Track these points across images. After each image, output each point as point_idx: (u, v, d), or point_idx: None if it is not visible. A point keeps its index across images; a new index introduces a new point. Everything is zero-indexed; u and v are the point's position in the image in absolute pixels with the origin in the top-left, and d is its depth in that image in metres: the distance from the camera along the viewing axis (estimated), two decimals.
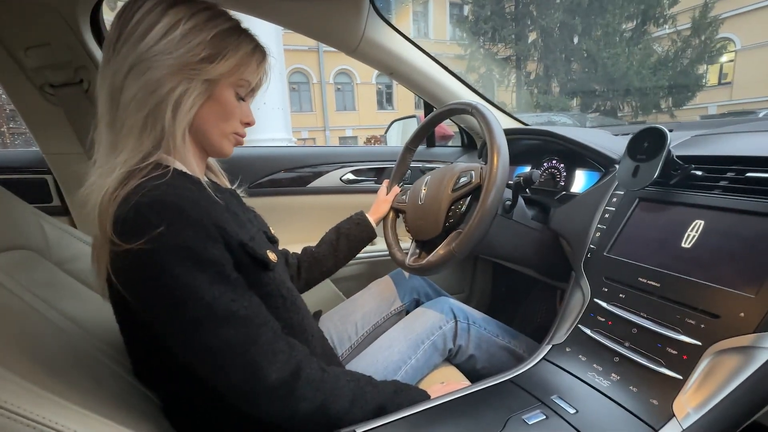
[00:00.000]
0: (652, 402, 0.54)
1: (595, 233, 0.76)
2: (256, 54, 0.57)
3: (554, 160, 1.04)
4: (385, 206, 0.97)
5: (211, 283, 0.45)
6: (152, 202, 0.44)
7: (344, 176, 1.32)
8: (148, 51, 0.48)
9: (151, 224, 0.43)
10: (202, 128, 0.56)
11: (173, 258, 0.44)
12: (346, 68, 15.29)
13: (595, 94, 11.48)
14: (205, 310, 0.45)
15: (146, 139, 0.49)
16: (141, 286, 0.45)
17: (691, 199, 0.65)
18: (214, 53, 0.52)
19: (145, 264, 0.43)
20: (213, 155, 0.61)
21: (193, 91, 0.51)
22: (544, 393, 0.60)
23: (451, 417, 0.56)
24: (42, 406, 0.32)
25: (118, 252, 0.43)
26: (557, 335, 0.71)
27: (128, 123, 0.49)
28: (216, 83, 0.53)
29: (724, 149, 0.71)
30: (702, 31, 10.06)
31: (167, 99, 0.49)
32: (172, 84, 0.49)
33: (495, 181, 0.69)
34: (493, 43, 12.51)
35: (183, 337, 0.46)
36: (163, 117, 0.49)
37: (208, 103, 0.54)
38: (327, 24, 0.95)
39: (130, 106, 0.48)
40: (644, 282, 0.63)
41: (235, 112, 0.57)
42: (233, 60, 0.53)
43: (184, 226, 0.45)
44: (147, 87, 0.48)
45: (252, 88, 0.60)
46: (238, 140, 0.61)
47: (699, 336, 0.53)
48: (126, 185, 0.46)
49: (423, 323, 0.79)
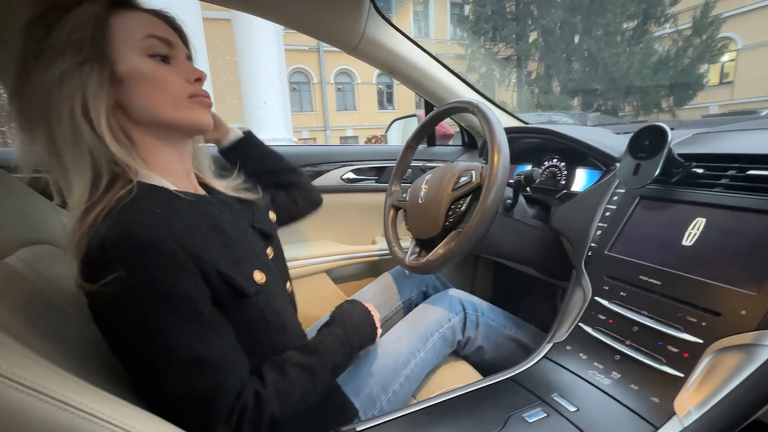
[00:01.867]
0: (653, 400, 0.53)
1: (596, 231, 0.76)
2: (130, 10, 0.48)
3: (555, 159, 1.04)
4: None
5: (181, 323, 0.42)
6: (115, 238, 0.40)
7: (345, 175, 1.31)
8: (29, 81, 0.44)
9: (115, 263, 0.39)
10: (148, 115, 0.48)
11: (140, 297, 0.40)
12: (346, 68, 15.28)
13: (596, 93, 11.45)
14: (170, 353, 0.41)
15: (84, 169, 0.44)
16: (109, 325, 0.43)
17: (693, 197, 0.65)
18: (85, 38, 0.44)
19: (111, 304, 0.40)
20: (189, 131, 0.53)
21: (87, 89, 0.44)
22: (544, 391, 0.59)
23: (451, 415, 0.56)
24: (81, 393, 0.32)
25: (87, 293, 0.41)
26: (558, 333, 0.71)
27: (65, 162, 0.44)
28: (111, 61, 0.46)
29: (725, 147, 0.71)
30: (703, 30, 10.03)
31: (74, 119, 0.44)
32: (67, 99, 0.44)
33: (495, 181, 0.69)
34: (494, 42, 12.50)
35: (148, 380, 0.43)
36: (85, 140, 0.44)
37: (129, 87, 0.47)
38: (327, 22, 0.95)
39: (57, 145, 0.44)
40: (645, 280, 0.63)
41: (167, 76, 0.49)
42: (114, 25, 0.46)
43: (151, 262, 0.41)
44: (53, 120, 0.44)
45: (168, 41, 0.50)
46: (202, 101, 0.52)
47: (700, 334, 0.53)
48: (84, 221, 0.42)
49: (432, 316, 0.78)
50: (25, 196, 0.57)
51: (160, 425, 0.37)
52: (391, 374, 0.69)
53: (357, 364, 0.71)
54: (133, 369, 0.44)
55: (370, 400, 0.66)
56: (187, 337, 0.42)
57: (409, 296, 0.93)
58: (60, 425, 0.30)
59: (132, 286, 0.40)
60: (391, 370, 0.69)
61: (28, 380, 0.30)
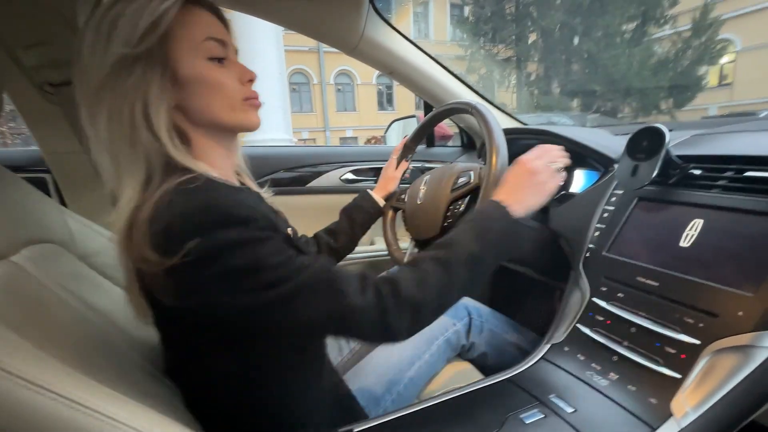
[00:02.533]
0: (650, 401, 0.53)
1: (594, 232, 0.76)
2: (194, 4, 0.48)
3: None
4: (392, 184, 0.93)
5: (282, 256, 0.44)
6: (196, 208, 0.41)
7: (344, 176, 1.32)
8: (92, 78, 0.44)
9: (197, 229, 0.40)
10: (205, 116, 0.49)
11: (231, 249, 0.41)
12: (346, 69, 15.30)
13: (595, 94, 11.47)
14: (285, 283, 0.42)
15: (138, 170, 0.45)
16: (204, 289, 0.42)
17: (690, 198, 0.65)
18: (146, 30, 0.44)
19: (201, 267, 0.40)
20: (240, 131, 0.54)
21: (151, 92, 0.44)
22: (542, 392, 0.59)
23: (448, 416, 0.56)
24: (87, 391, 0.32)
25: (167, 269, 0.40)
26: (556, 334, 0.71)
27: (119, 162, 0.45)
28: (174, 65, 0.46)
29: (722, 148, 0.71)
30: (702, 32, 10.06)
31: (134, 120, 0.44)
32: (130, 101, 0.44)
33: (494, 182, 0.69)
34: (494, 44, 12.52)
35: (274, 310, 0.43)
36: (143, 141, 0.44)
37: (187, 89, 0.47)
38: (326, 23, 0.95)
39: (114, 145, 0.44)
40: (643, 281, 0.63)
41: (224, 79, 0.49)
42: (158, 24, 0.44)
43: (233, 223, 0.42)
44: (113, 119, 0.44)
45: (223, 41, 0.50)
46: (254, 103, 0.53)
47: (697, 335, 0.53)
48: (140, 211, 0.42)
49: (437, 320, 0.79)
50: (29, 195, 0.57)
51: (161, 420, 0.37)
52: (395, 375, 0.69)
53: (361, 365, 0.71)
54: (247, 312, 0.43)
55: (374, 401, 0.66)
56: (296, 266, 0.43)
57: None
58: (66, 422, 0.30)
59: (220, 242, 0.40)
60: (395, 371, 0.69)
61: (35, 377, 0.30)
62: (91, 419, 0.31)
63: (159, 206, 0.41)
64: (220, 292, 0.42)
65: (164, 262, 0.40)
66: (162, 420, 0.37)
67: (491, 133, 0.73)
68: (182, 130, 0.49)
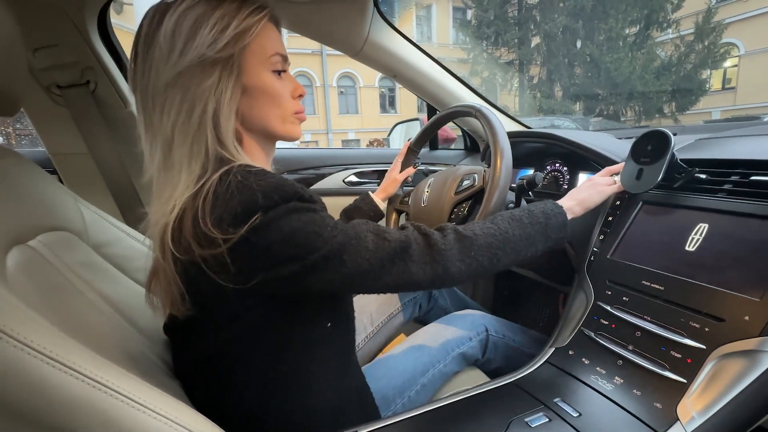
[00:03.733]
0: (655, 406, 0.53)
1: (598, 236, 0.76)
2: (270, 21, 0.51)
3: (557, 163, 1.04)
4: (393, 187, 0.94)
5: (324, 212, 0.48)
6: (262, 187, 0.43)
7: (347, 178, 1.32)
8: (163, 73, 0.45)
9: (266, 203, 0.42)
10: (260, 124, 0.53)
11: (287, 214, 0.44)
12: (349, 72, 15.35)
13: (598, 98, 11.47)
14: (339, 233, 0.46)
15: (196, 165, 0.46)
16: (272, 256, 0.44)
17: (695, 203, 0.65)
18: (233, 38, 0.47)
19: (263, 236, 0.43)
20: (284, 140, 0.58)
21: (225, 96, 0.47)
22: (547, 396, 0.59)
23: (453, 419, 0.56)
24: (110, 373, 0.33)
25: (232, 247, 0.42)
26: (560, 338, 0.70)
27: (173, 156, 0.46)
28: (246, 73, 0.49)
29: (728, 153, 0.71)
30: (705, 36, 10.05)
31: (204, 120, 0.46)
32: (203, 101, 0.46)
33: (498, 185, 0.69)
34: (496, 47, 12.54)
35: (327, 266, 0.45)
36: (206, 140, 0.47)
37: (250, 97, 0.50)
38: (331, 27, 0.95)
39: (176, 140, 0.46)
40: (648, 285, 0.63)
41: (283, 91, 0.53)
42: (245, 34, 0.48)
43: (298, 198, 0.45)
44: (182, 114, 0.46)
45: (284, 56, 0.53)
46: (301, 117, 0.57)
47: (703, 339, 0.53)
48: (196, 197, 0.44)
49: (454, 331, 0.79)
50: (46, 183, 0.59)
51: (185, 409, 0.37)
52: (409, 380, 0.69)
53: (377, 366, 0.72)
54: (309, 275, 0.45)
55: (385, 403, 0.66)
56: (342, 226, 0.47)
57: (414, 295, 0.93)
58: (88, 402, 0.31)
59: (284, 209, 0.43)
60: (410, 375, 0.70)
61: (62, 357, 0.30)
62: (113, 399, 0.32)
63: (223, 186, 0.43)
64: (283, 260, 0.44)
65: (231, 237, 0.41)
66: (186, 410, 0.38)
67: (495, 136, 0.73)
68: (237, 133, 0.52)
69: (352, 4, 0.89)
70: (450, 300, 0.98)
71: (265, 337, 0.50)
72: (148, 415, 0.33)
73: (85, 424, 0.30)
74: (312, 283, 0.46)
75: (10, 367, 0.28)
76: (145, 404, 0.34)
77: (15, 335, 0.29)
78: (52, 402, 0.29)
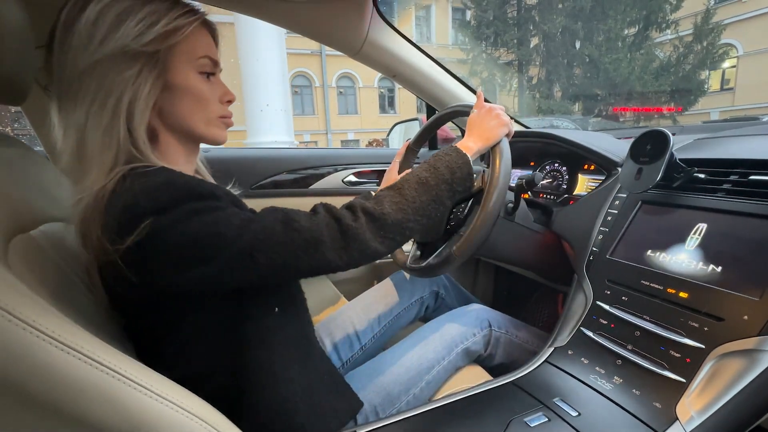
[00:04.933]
0: (655, 405, 0.53)
1: (597, 236, 0.76)
2: (203, 25, 0.52)
3: (556, 163, 1.04)
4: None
5: (229, 208, 0.46)
6: (144, 189, 0.42)
7: (346, 178, 1.32)
8: (80, 59, 0.45)
9: (154, 205, 0.41)
10: (181, 123, 0.52)
11: (188, 217, 0.43)
12: (348, 72, 15.35)
13: (597, 98, 11.49)
14: (246, 231, 0.45)
15: (107, 158, 0.46)
16: (177, 259, 0.43)
17: (694, 202, 0.65)
18: (160, 35, 0.47)
19: (161, 241, 0.42)
20: (208, 143, 0.58)
21: (143, 90, 0.47)
22: (546, 395, 0.59)
23: (452, 419, 0.56)
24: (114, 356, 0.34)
25: (125, 250, 0.41)
26: (560, 338, 0.70)
27: (86, 146, 0.46)
28: (170, 71, 0.49)
29: (727, 152, 0.71)
30: (704, 36, 10.07)
31: (117, 110, 0.46)
32: (119, 91, 0.46)
33: (497, 185, 0.69)
34: (496, 47, 12.54)
35: (238, 267, 0.45)
36: (118, 132, 0.46)
37: (173, 95, 0.50)
38: (331, 27, 0.95)
39: (87, 127, 0.46)
40: (647, 285, 0.63)
41: (209, 94, 0.53)
42: (173, 34, 0.48)
43: (191, 197, 0.43)
44: (95, 102, 0.45)
45: (215, 61, 0.54)
46: (226, 122, 0.57)
47: (702, 339, 0.53)
48: (99, 198, 0.44)
49: (458, 327, 0.79)
50: (51, 174, 0.59)
51: (171, 385, 0.38)
52: (414, 377, 0.69)
53: (381, 362, 0.72)
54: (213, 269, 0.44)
55: (390, 400, 0.66)
56: (248, 219, 0.46)
57: (421, 295, 0.93)
58: (94, 384, 0.31)
59: (179, 212, 0.42)
60: (415, 372, 0.70)
61: (69, 341, 0.31)
62: (125, 386, 0.32)
63: (115, 189, 0.43)
64: (190, 263, 0.43)
65: (119, 246, 0.41)
66: (188, 394, 0.38)
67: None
68: (153, 129, 0.52)
69: (352, 4, 0.89)
70: (457, 299, 0.98)
71: (216, 338, 0.50)
72: (152, 399, 0.34)
73: (91, 406, 0.30)
74: (227, 282, 0.46)
75: (18, 349, 0.28)
76: (150, 388, 0.34)
77: (24, 318, 0.29)
78: (58, 384, 0.29)
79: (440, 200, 0.59)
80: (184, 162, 0.56)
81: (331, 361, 0.66)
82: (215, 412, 0.41)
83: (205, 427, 0.37)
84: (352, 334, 0.83)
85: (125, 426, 0.32)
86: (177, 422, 0.35)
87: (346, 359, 0.80)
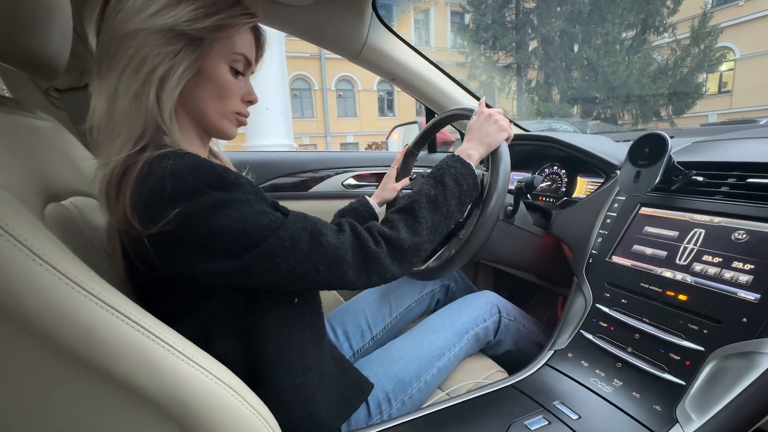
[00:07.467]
0: (654, 408, 0.53)
1: (596, 238, 0.76)
2: (252, 29, 0.54)
3: (555, 166, 1.04)
4: (388, 194, 0.95)
5: (256, 204, 0.46)
6: (173, 172, 0.42)
7: (345, 181, 1.32)
8: (127, 24, 0.46)
9: (178, 191, 0.42)
10: (198, 108, 0.53)
11: (215, 209, 0.43)
12: (347, 75, 15.39)
13: (595, 101, 11.52)
14: (272, 235, 0.45)
15: (135, 124, 0.47)
16: (191, 249, 0.43)
17: (693, 205, 0.65)
18: (213, 26, 0.48)
19: (187, 231, 0.42)
20: (216, 137, 0.59)
21: (178, 68, 0.48)
22: (546, 398, 0.59)
23: (453, 422, 0.56)
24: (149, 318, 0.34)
25: (150, 236, 0.42)
26: (559, 340, 0.70)
27: (117, 110, 0.47)
28: (206, 58, 0.50)
29: (724, 155, 0.72)
30: (701, 40, 10.13)
31: (150, 79, 0.46)
32: (155, 61, 0.46)
33: (496, 188, 0.69)
34: (494, 51, 12.59)
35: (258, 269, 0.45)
36: (147, 99, 0.47)
37: (200, 80, 0.51)
38: (330, 30, 0.96)
39: (119, 90, 0.46)
40: (646, 287, 0.63)
41: (233, 89, 0.54)
42: (224, 29, 0.49)
43: (221, 185, 0.44)
44: (130, 67, 0.46)
45: (249, 62, 0.55)
46: (241, 120, 0.57)
47: (702, 341, 0.53)
48: (129, 171, 0.44)
49: (468, 314, 0.80)
50: (79, 151, 0.60)
51: (206, 355, 0.38)
52: (425, 364, 0.70)
53: (393, 350, 0.72)
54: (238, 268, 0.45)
55: (402, 386, 0.67)
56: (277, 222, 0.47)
57: (432, 288, 0.94)
58: (134, 345, 0.31)
59: (207, 202, 0.43)
60: (426, 359, 0.70)
61: (107, 298, 0.31)
62: (161, 349, 0.33)
63: (148, 168, 0.43)
64: (211, 255, 0.44)
65: (147, 228, 0.41)
66: (218, 363, 0.39)
67: None
68: (175, 109, 0.52)
69: (351, 7, 0.89)
70: (466, 294, 0.99)
71: (234, 325, 0.50)
72: (186, 363, 0.34)
73: (126, 365, 0.31)
74: (243, 280, 0.46)
75: (63, 305, 0.29)
76: (183, 352, 0.34)
77: (68, 275, 0.29)
78: (97, 341, 0.30)
79: (450, 215, 0.60)
80: (199, 146, 0.57)
81: (338, 349, 0.67)
82: (243, 385, 0.41)
83: (236, 397, 0.37)
84: (363, 325, 0.84)
85: (159, 388, 0.32)
86: (210, 390, 0.35)
87: (357, 348, 0.81)
